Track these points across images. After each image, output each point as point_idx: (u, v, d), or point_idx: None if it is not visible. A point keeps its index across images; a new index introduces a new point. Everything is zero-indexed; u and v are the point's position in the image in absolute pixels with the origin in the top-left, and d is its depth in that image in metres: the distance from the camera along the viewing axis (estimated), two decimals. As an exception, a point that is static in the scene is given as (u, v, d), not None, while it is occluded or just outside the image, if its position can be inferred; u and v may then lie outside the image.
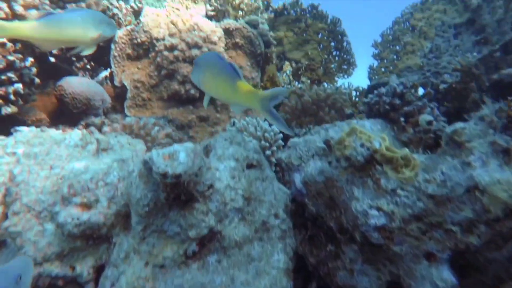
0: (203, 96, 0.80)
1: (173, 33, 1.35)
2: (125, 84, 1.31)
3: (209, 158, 0.68)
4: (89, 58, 1.45)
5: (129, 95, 1.32)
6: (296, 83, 2.18)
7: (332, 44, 2.10)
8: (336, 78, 2.06)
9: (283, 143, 1.12)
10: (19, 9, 0.94)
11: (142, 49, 1.39)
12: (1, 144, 0.72)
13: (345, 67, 2.06)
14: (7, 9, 0.93)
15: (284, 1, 2.09)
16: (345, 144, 0.61)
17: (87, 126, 1.20)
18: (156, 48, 1.33)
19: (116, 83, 1.32)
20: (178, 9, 1.94)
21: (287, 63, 2.44)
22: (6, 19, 0.92)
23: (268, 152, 1.08)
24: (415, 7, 2.09)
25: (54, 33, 0.88)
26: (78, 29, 0.92)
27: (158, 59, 1.33)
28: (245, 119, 1.30)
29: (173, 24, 1.42)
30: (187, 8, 2.01)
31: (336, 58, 2.10)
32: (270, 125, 1.20)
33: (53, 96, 1.15)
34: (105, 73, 1.48)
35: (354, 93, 1.70)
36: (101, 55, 1.36)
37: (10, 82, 0.91)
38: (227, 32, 1.60)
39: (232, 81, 0.69)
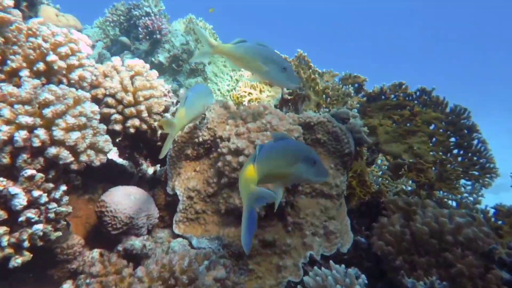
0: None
1: (241, 133, 1.11)
2: (178, 193, 1.07)
3: None
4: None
5: (180, 207, 1.08)
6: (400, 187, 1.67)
7: (453, 140, 1.58)
8: (461, 187, 1.48)
9: None
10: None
11: (203, 148, 1.18)
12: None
13: (476, 173, 1.48)
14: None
15: (383, 84, 1.75)
16: None
17: (125, 252, 0.96)
18: (219, 150, 1.10)
19: (169, 190, 1.11)
20: (250, 94, 1.81)
21: (382, 158, 1.97)
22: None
23: None
24: None
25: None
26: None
27: (219, 163, 1.08)
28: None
29: (242, 119, 1.19)
30: (261, 92, 1.87)
31: (459, 159, 1.55)
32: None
33: (94, 210, 0.98)
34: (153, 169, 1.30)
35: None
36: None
37: (29, 223, 0.74)
38: (307, 126, 1.31)
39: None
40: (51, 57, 0.93)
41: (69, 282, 0.88)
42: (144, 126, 1.20)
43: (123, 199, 0.96)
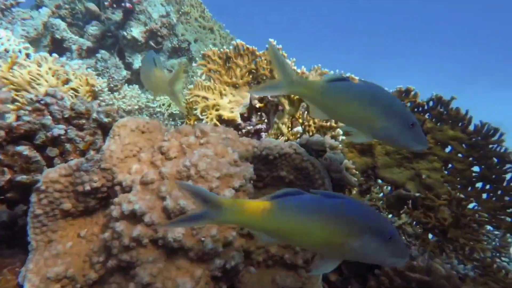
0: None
1: (148, 181, 0.73)
2: None
3: None
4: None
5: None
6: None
7: (476, 169, 1.19)
8: (491, 243, 1.09)
9: None
10: None
11: (95, 198, 0.79)
12: None
13: (509, 219, 1.09)
14: None
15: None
16: None
17: None
18: (109, 210, 0.71)
19: (20, 279, 0.71)
20: (205, 100, 1.36)
21: (378, 187, 1.58)
22: None
23: None
24: None
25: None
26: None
27: (106, 234, 0.70)
28: None
29: (162, 153, 0.80)
30: (221, 95, 1.41)
31: (485, 196, 1.15)
32: None
33: None
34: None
35: None
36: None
37: None
38: (265, 160, 0.92)
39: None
40: None
41: None
42: None
43: None
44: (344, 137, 1.09)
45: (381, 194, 1.54)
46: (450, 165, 1.28)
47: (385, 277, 1.03)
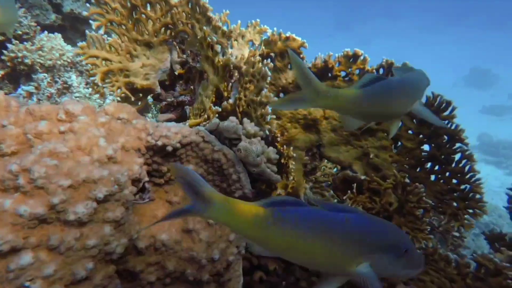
0: None
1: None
2: None
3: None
4: None
5: None
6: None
7: (427, 147, 1.07)
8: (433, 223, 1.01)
9: None
10: None
11: None
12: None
13: (454, 204, 1.00)
14: None
15: (328, 54, 1.15)
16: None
17: None
18: None
19: None
20: (108, 62, 1.05)
21: (323, 168, 1.46)
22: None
23: None
24: None
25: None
26: None
27: None
28: None
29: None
30: (131, 57, 1.05)
31: (432, 178, 1.05)
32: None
33: None
34: None
35: None
36: None
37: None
38: (164, 151, 0.72)
39: None
40: None
41: None
42: None
43: None
44: (273, 116, 0.91)
45: (327, 183, 1.43)
46: (399, 143, 1.17)
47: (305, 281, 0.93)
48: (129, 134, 0.71)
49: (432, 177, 1.10)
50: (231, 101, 1.10)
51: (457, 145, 1.00)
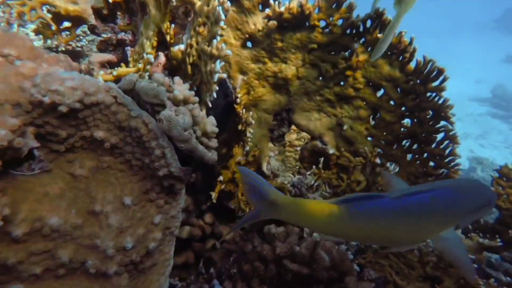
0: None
1: None
2: None
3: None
4: None
5: None
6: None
7: (408, 121, 0.93)
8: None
9: None
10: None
11: None
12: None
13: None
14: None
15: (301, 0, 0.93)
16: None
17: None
18: None
19: None
20: None
21: (293, 132, 1.32)
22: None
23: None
24: None
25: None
26: None
27: None
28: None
29: None
30: None
31: (408, 157, 0.92)
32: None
33: None
34: None
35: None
36: None
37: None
38: (57, 111, 0.56)
39: None
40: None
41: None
42: None
43: None
44: (219, 75, 0.74)
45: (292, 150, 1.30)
46: (378, 114, 1.02)
47: (260, 263, 0.84)
48: (6, 80, 0.53)
49: (409, 156, 0.98)
50: (182, 47, 0.91)
51: (442, 123, 0.87)
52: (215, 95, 0.77)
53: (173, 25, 0.82)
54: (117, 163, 0.61)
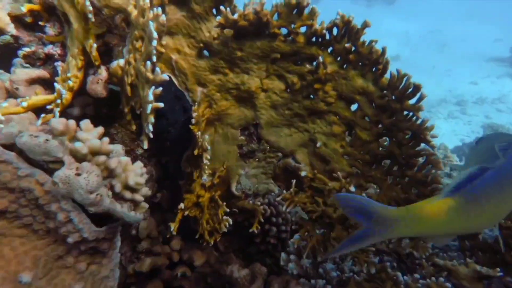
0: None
1: None
2: None
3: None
4: None
5: None
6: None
7: (388, 140, 0.80)
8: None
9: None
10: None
11: None
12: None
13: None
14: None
15: (262, 3, 0.80)
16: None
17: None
18: None
19: None
20: None
21: (262, 153, 1.21)
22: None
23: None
24: None
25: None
26: None
27: None
28: None
29: None
30: None
31: (389, 182, 0.81)
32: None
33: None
34: None
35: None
36: None
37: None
38: None
39: None
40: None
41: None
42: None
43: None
44: (152, 105, 0.63)
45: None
46: (354, 131, 0.91)
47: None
48: None
49: (390, 179, 0.88)
50: (121, 62, 0.80)
51: (422, 145, 0.75)
52: (150, 135, 0.67)
53: (95, 45, 0.71)
54: (13, 228, 0.52)
